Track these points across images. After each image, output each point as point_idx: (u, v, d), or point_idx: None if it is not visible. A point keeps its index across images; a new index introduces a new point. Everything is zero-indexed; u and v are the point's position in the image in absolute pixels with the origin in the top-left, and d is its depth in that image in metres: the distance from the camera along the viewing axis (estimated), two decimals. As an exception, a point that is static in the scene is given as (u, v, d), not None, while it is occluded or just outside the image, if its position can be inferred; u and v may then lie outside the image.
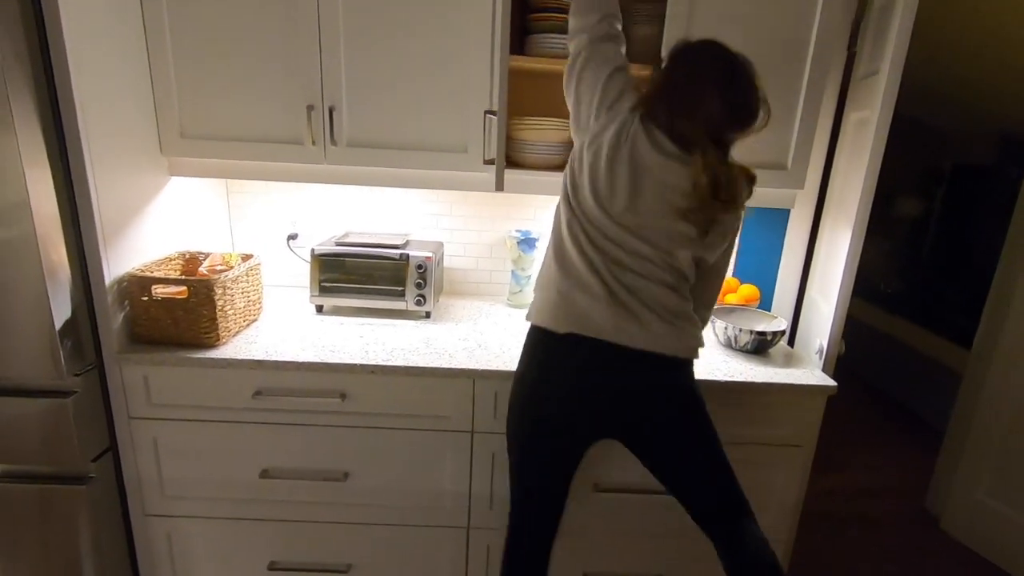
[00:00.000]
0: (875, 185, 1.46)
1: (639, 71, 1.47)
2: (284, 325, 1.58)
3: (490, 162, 1.42)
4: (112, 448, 1.43)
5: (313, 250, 1.64)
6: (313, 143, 1.48)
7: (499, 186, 1.32)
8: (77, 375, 1.31)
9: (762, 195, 1.53)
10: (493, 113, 1.39)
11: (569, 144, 1.59)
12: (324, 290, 1.67)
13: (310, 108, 1.45)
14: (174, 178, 1.57)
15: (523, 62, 1.48)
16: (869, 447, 2.75)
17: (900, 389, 3.39)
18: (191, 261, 1.55)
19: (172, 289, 1.36)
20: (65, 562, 1.41)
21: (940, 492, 2.30)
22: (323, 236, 1.88)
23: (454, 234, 1.90)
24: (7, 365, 1.27)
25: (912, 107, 2.40)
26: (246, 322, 1.54)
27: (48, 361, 1.27)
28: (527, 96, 1.70)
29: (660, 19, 1.43)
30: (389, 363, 1.38)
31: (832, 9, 1.40)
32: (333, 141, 1.48)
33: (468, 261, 1.93)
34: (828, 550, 2.09)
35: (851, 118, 1.61)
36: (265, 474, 1.45)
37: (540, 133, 1.54)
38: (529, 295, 1.84)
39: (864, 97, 1.53)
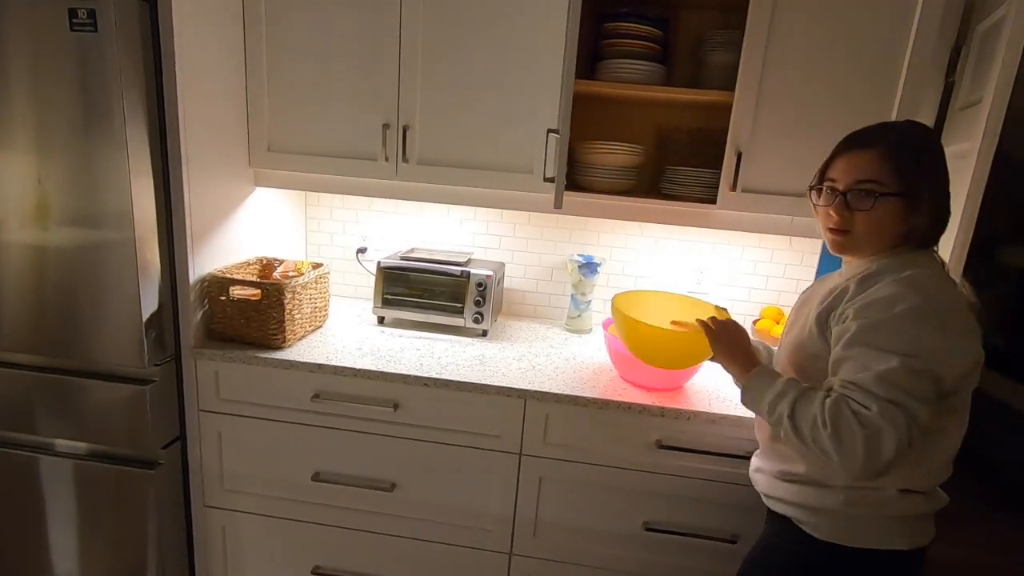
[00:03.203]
0: (973, 227, 1.34)
1: (715, 96, 1.44)
2: (346, 333, 1.64)
3: (551, 180, 1.43)
4: (181, 438, 1.51)
5: (379, 263, 1.70)
6: (386, 160, 1.54)
7: (558, 203, 1.32)
8: (157, 365, 1.41)
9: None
10: (556, 131, 1.40)
11: (635, 168, 1.58)
12: (387, 302, 1.72)
13: (386, 127, 1.52)
14: (258, 189, 1.68)
15: (593, 86, 1.49)
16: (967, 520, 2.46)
17: (997, 451, 3.04)
18: (267, 267, 1.64)
19: (247, 291, 1.45)
20: (132, 540, 1.49)
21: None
22: (390, 251, 1.95)
23: (515, 255, 1.91)
24: (99, 351, 1.38)
25: (1018, 140, 2.21)
26: (311, 327, 1.61)
27: (134, 350, 1.37)
28: (596, 121, 1.70)
29: (736, 46, 1.40)
30: (443, 376, 1.39)
31: (926, 36, 1.32)
32: (405, 159, 1.53)
33: (528, 283, 1.93)
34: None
35: (948, 152, 1.50)
36: (317, 477, 1.49)
37: (606, 157, 1.54)
38: (587, 320, 1.81)
39: (963, 129, 1.42)
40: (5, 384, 1.44)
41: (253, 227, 1.68)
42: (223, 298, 1.46)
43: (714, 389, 1.44)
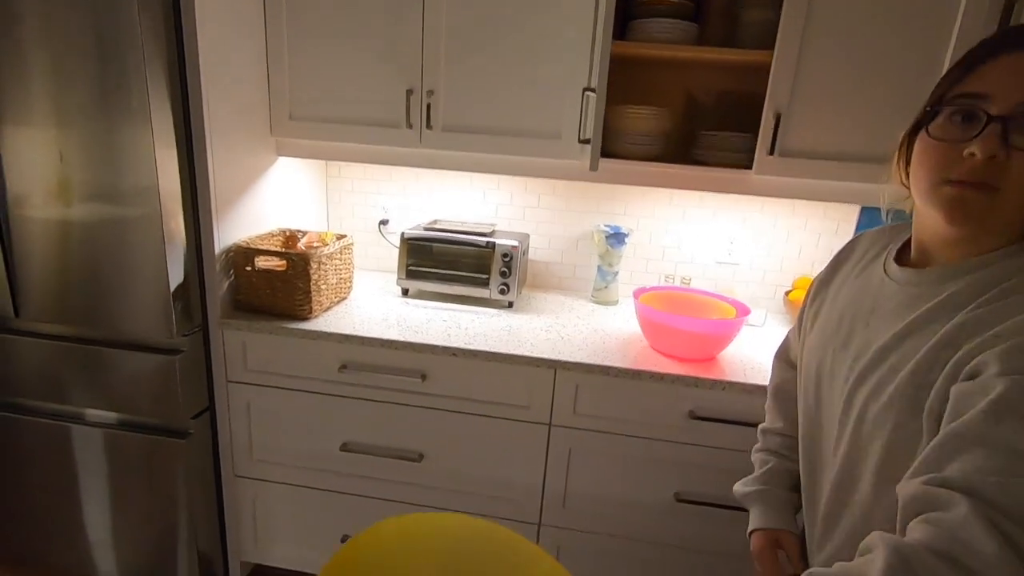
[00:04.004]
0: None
1: (751, 56, 1.38)
2: (371, 305, 1.62)
3: (585, 141, 1.38)
4: (210, 409, 1.52)
5: (403, 234, 1.67)
6: (410, 126, 1.50)
7: (594, 166, 1.27)
8: (185, 335, 1.41)
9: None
10: (592, 90, 1.35)
11: (664, 135, 1.53)
12: (411, 274, 1.70)
13: (409, 92, 1.48)
14: (280, 159, 1.65)
15: (624, 47, 1.43)
16: None
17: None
18: (290, 238, 1.63)
19: (272, 261, 1.43)
20: (164, 509, 1.51)
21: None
22: (413, 223, 1.92)
23: (540, 226, 1.88)
24: (128, 321, 1.38)
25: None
26: (337, 299, 1.59)
27: (161, 321, 1.37)
28: (624, 86, 1.64)
29: (775, 2, 1.33)
30: (471, 347, 1.37)
31: (982, -14, 1.24)
32: (429, 125, 1.50)
33: (553, 254, 1.90)
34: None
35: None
36: (345, 447, 1.49)
37: (636, 122, 1.48)
38: (614, 292, 1.78)
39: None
40: (36, 354, 1.45)
41: (276, 199, 1.66)
42: (248, 268, 1.44)
43: (749, 359, 1.41)
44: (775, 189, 1.45)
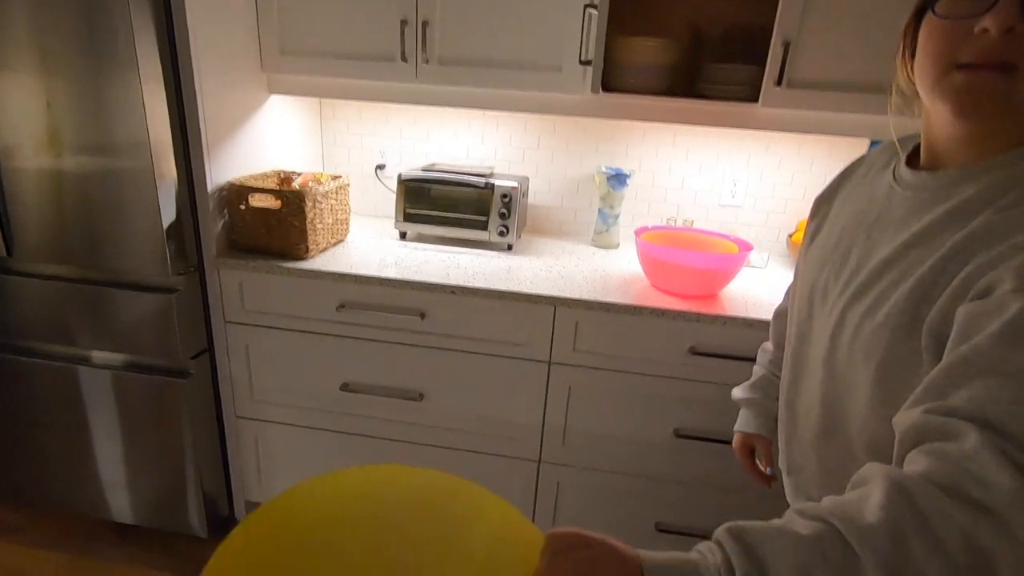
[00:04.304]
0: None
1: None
2: (368, 247, 1.60)
3: (587, 63, 1.33)
4: (209, 350, 1.52)
5: (400, 175, 1.64)
6: (405, 60, 1.45)
7: (595, 86, 1.22)
8: (181, 274, 1.39)
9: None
10: (593, 6, 1.30)
11: (668, 67, 1.47)
12: (409, 217, 1.67)
13: (404, 23, 1.42)
14: (273, 98, 1.60)
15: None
16: None
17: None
18: (285, 179, 1.59)
19: (267, 199, 1.40)
20: (171, 448, 1.53)
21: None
22: (410, 167, 1.88)
23: (540, 169, 1.84)
24: (123, 260, 1.37)
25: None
26: (333, 240, 1.57)
27: (156, 259, 1.35)
28: (625, 18, 1.58)
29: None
30: (470, 284, 1.35)
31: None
32: (425, 58, 1.44)
33: (553, 199, 1.86)
34: None
35: None
36: (346, 387, 1.49)
37: (639, 54, 1.43)
38: (615, 235, 1.75)
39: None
40: (37, 295, 1.44)
41: (269, 140, 1.62)
42: (243, 207, 1.42)
43: (752, 295, 1.40)
44: (781, 123, 1.40)
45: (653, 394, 1.38)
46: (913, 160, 0.66)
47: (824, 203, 0.78)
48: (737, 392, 0.98)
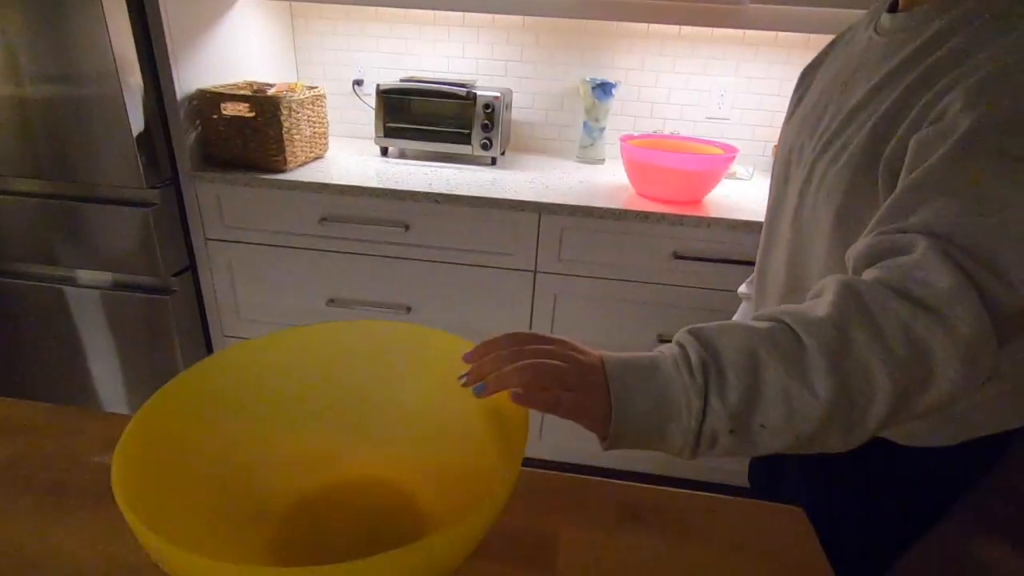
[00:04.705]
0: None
1: None
2: (348, 162, 1.56)
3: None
4: (191, 268, 1.50)
5: (378, 86, 1.58)
6: (379, -44, 1.37)
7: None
8: (155, 187, 1.36)
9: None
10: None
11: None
12: (389, 132, 1.62)
13: (376, -86, 1.34)
14: (240, 1, 1.52)
15: None
16: None
17: None
18: (258, 90, 1.53)
19: (240, 107, 1.35)
20: (161, 370, 1.53)
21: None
22: (389, 82, 1.81)
23: (523, 82, 1.78)
24: (97, 174, 1.33)
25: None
26: (312, 155, 1.53)
27: (130, 171, 1.31)
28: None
29: None
30: (454, 192, 1.34)
31: None
32: (400, -45, 1.37)
33: (537, 114, 1.82)
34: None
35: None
36: (332, 302, 1.49)
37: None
38: (600, 149, 1.73)
39: None
40: (18, 213, 1.40)
41: (240, 51, 1.54)
42: (215, 116, 1.37)
43: (735, 203, 1.40)
44: (770, 20, 1.37)
45: (637, 300, 1.40)
46: (894, 7, 0.64)
47: (809, 73, 0.77)
48: (742, 288, 0.94)
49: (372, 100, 1.79)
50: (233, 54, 1.52)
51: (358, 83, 1.84)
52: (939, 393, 0.40)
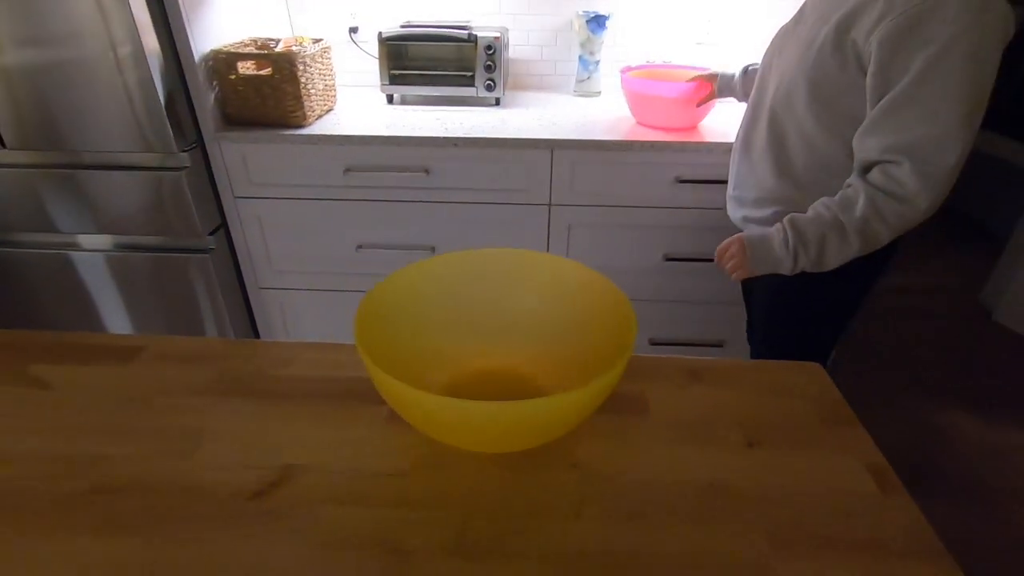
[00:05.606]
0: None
1: None
2: (359, 113, 1.62)
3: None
4: (224, 226, 1.58)
5: (380, 34, 1.62)
6: (374, -99, 1.38)
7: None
8: (184, 151, 1.41)
9: None
10: None
11: None
12: (394, 79, 1.67)
13: None
14: (234, -44, 1.52)
15: None
16: (928, 254, 2.76)
17: (967, 201, 3.28)
18: (263, 46, 1.56)
19: (256, 65, 1.39)
20: (204, 325, 1.64)
21: (997, 288, 2.34)
22: (385, 28, 1.83)
23: (517, 20, 1.82)
24: (129, 142, 1.38)
25: None
26: (324, 109, 1.58)
27: (162, 138, 1.37)
28: None
29: None
30: (470, 135, 1.42)
31: None
32: (395, -102, 1.38)
33: (532, 51, 1.87)
34: (886, 339, 2.19)
35: None
36: (360, 249, 1.59)
37: None
38: (596, 82, 1.80)
39: None
40: (25, 185, 1.45)
41: (235, 7, 1.55)
42: (232, 77, 1.41)
43: (731, 127, 1.50)
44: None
45: (644, 224, 1.52)
46: None
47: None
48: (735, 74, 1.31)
49: (370, 47, 1.82)
50: (229, 12, 1.53)
51: (354, 30, 1.85)
52: (908, 228, 0.86)
